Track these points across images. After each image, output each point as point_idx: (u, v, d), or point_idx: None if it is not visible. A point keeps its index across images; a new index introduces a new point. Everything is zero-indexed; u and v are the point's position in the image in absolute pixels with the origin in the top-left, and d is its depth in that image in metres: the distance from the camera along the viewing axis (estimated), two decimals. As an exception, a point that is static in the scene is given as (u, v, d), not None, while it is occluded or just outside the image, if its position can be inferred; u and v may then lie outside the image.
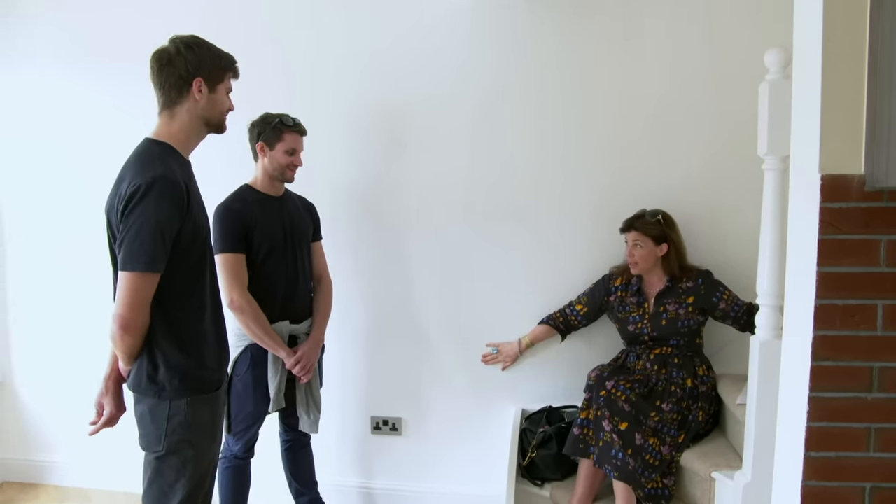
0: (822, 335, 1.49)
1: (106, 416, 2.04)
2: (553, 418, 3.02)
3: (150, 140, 1.96)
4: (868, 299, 1.48)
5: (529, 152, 3.08)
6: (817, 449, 1.51)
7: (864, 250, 1.46)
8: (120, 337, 1.86)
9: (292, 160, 2.71)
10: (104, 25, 3.27)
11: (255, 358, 2.69)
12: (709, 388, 2.76)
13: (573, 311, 2.99)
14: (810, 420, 1.51)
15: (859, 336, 1.48)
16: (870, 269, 1.47)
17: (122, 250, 1.83)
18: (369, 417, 3.30)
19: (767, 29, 2.79)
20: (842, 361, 1.49)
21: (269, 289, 2.69)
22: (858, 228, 1.46)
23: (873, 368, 1.49)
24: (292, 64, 3.16)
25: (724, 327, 2.92)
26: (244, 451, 2.75)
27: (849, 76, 1.44)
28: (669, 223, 2.82)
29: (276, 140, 2.67)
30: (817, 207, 1.46)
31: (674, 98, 2.96)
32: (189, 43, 1.97)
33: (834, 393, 1.50)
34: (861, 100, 1.44)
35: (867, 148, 1.44)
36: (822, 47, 1.44)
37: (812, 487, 1.52)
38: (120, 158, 1.95)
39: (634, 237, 2.81)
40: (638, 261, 2.80)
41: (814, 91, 1.47)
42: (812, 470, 1.51)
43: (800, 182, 1.56)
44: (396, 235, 3.20)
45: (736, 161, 2.90)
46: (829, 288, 1.47)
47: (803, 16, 1.55)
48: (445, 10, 3.05)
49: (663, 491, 2.68)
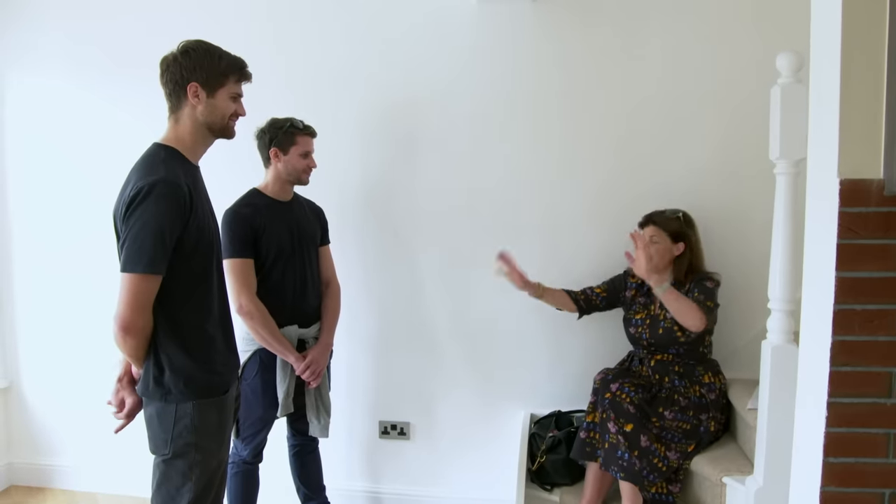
0: (841, 340, 1.48)
1: (128, 408, 2.03)
2: (562, 423, 3.01)
3: (158, 144, 1.97)
4: (887, 304, 1.47)
5: (533, 156, 3.08)
6: (836, 454, 1.50)
7: (883, 255, 1.46)
8: (121, 338, 1.86)
9: (307, 163, 2.72)
10: (111, 31, 3.29)
11: (264, 363, 2.69)
12: (718, 395, 2.74)
13: (594, 293, 2.94)
14: (829, 426, 1.50)
15: (878, 341, 1.48)
16: (889, 273, 1.46)
17: (123, 252, 1.84)
18: (377, 422, 3.30)
19: (769, 31, 2.82)
20: (860, 367, 1.48)
21: (278, 293, 2.69)
22: (877, 233, 1.45)
23: (892, 374, 1.48)
24: (294, 68, 3.16)
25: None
26: (253, 456, 2.75)
27: (867, 80, 1.44)
28: (689, 222, 2.79)
29: (290, 144, 2.68)
30: (836, 212, 1.45)
31: (675, 101, 2.96)
32: (187, 48, 1.97)
33: (852, 398, 1.49)
34: (880, 104, 1.43)
35: (886, 152, 1.43)
36: (841, 53, 1.44)
37: (830, 493, 1.51)
38: (130, 162, 1.96)
39: (652, 232, 2.76)
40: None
41: (832, 96, 1.46)
42: (830, 476, 1.51)
43: (817, 186, 1.55)
44: (402, 239, 3.20)
45: (739, 165, 2.92)
46: (848, 293, 1.47)
47: (821, 21, 1.55)
48: (448, 12, 3.05)
49: (668, 497, 2.67)
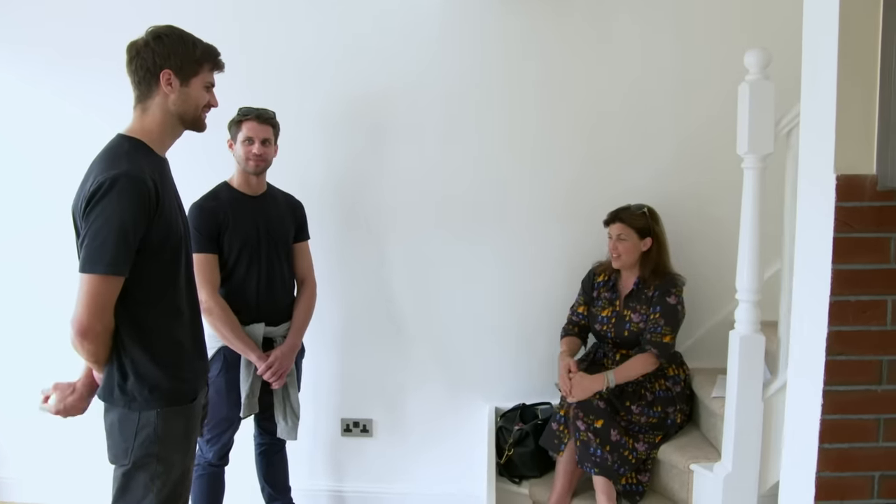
0: (837, 331, 1.54)
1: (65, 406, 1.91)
2: (527, 416, 3.03)
3: (122, 136, 1.85)
4: (879, 295, 1.54)
5: (500, 150, 3.07)
6: (831, 441, 1.56)
7: (876, 248, 1.52)
8: (79, 343, 1.75)
9: (249, 149, 2.60)
10: (57, 22, 3.09)
11: (229, 361, 2.62)
12: (683, 386, 2.80)
13: (578, 315, 2.95)
14: (824, 413, 1.55)
15: (871, 331, 1.54)
16: (881, 266, 1.53)
17: (82, 251, 1.72)
18: (339, 419, 3.24)
19: (737, 26, 2.90)
20: (854, 356, 1.55)
21: (242, 291, 2.61)
22: (871, 227, 1.51)
23: (883, 362, 1.55)
24: (258, 59, 3.05)
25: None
26: (218, 458, 2.67)
27: (862, 83, 1.50)
28: (654, 217, 2.80)
29: (237, 132, 2.62)
30: (832, 207, 1.51)
31: (643, 93, 3.00)
32: (159, 33, 1.85)
33: (846, 386, 1.55)
34: (873, 103, 1.49)
35: (879, 149, 1.49)
36: (837, 56, 1.49)
37: (825, 478, 1.57)
38: (79, 156, 1.86)
39: (618, 229, 2.78)
40: (622, 253, 2.76)
41: (828, 95, 1.52)
42: (826, 461, 1.56)
43: (812, 182, 1.61)
44: (368, 234, 3.15)
45: (705, 158, 2.99)
46: (844, 285, 1.53)
47: (814, 24, 1.60)
48: (416, 4, 3.01)
49: (637, 487, 2.72)
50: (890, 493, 1.58)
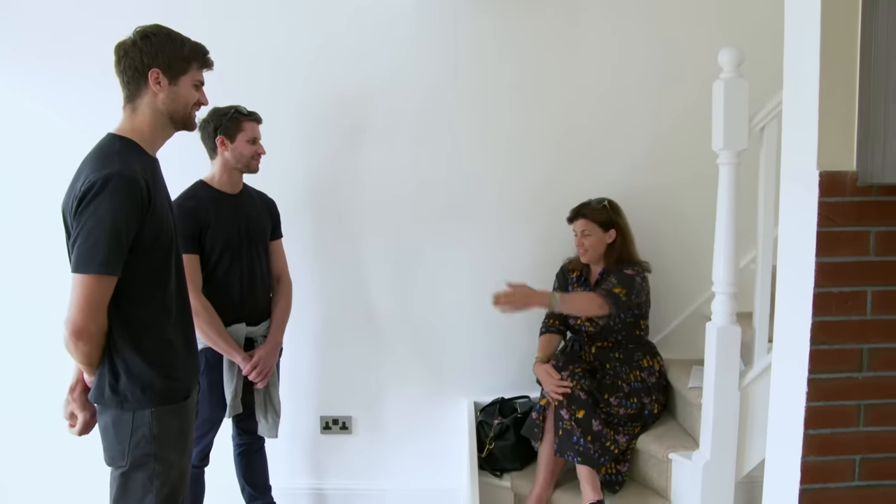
0: (820, 321, 1.60)
1: (81, 424, 1.93)
2: (506, 410, 3.07)
3: (112, 135, 1.85)
4: (859, 286, 1.60)
5: (473, 148, 3.10)
6: (815, 427, 1.63)
7: (857, 241, 1.59)
8: (73, 344, 1.75)
9: (255, 149, 2.62)
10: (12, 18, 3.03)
11: (210, 362, 2.60)
12: (658, 377, 2.87)
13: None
14: (809, 400, 1.62)
15: (852, 321, 1.61)
16: (861, 258, 1.59)
17: (75, 251, 1.72)
18: (318, 417, 3.24)
19: (711, 21, 2.97)
20: (836, 345, 1.61)
21: (225, 290, 2.59)
22: (851, 221, 1.58)
23: (863, 350, 1.62)
24: (229, 57, 3.00)
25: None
26: (199, 458, 2.64)
27: (842, 82, 1.55)
28: (615, 209, 2.86)
29: (237, 131, 2.58)
30: (816, 202, 1.57)
31: (616, 91, 3.05)
32: (147, 32, 1.86)
33: (830, 374, 1.62)
34: (853, 102, 1.55)
35: (859, 146, 1.55)
36: (820, 57, 1.55)
37: (810, 463, 1.63)
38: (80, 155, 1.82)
39: (582, 225, 2.84)
40: (588, 248, 2.82)
41: (811, 95, 1.57)
42: (811, 447, 1.63)
43: (794, 178, 1.66)
44: (346, 231, 3.15)
45: (678, 154, 3.05)
46: (827, 277, 1.59)
47: (796, 25, 1.65)
48: (390, 2, 3.02)
49: (617, 477, 2.79)
50: (870, 474, 1.65)
